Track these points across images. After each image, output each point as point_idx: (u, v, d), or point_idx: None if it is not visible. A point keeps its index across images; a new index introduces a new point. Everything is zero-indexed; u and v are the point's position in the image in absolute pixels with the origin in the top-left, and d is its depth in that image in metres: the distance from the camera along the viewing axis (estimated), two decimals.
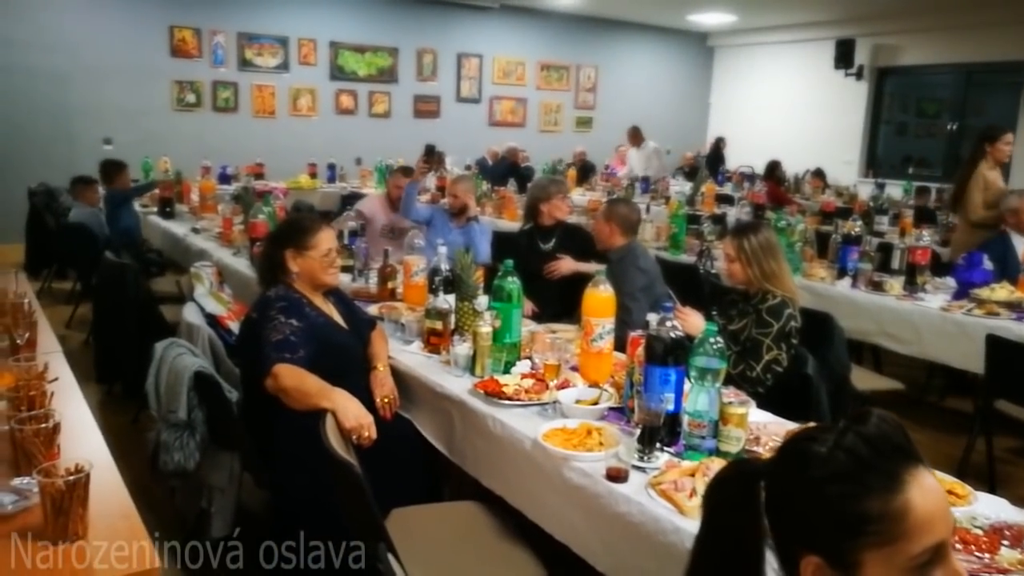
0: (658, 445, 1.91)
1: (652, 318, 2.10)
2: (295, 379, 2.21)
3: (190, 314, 2.92)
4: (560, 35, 12.05)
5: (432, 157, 5.17)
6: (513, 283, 2.55)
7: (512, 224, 6.10)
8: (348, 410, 2.13)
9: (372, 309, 3.13)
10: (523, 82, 12.06)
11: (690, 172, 10.28)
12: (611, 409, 2.21)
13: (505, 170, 9.35)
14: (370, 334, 2.70)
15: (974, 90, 10.72)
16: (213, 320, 3.07)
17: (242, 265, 4.12)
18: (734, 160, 11.68)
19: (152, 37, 9.14)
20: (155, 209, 6.10)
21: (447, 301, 2.75)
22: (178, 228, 5.43)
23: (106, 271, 3.99)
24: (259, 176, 7.89)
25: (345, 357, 2.49)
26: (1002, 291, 3.59)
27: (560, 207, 4.01)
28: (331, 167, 8.66)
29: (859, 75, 11.24)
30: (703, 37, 13.35)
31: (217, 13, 9.48)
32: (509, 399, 2.26)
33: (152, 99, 9.20)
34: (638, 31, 12.64)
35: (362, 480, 1.77)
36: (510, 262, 2.59)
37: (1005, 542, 1.56)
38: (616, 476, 1.81)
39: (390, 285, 3.38)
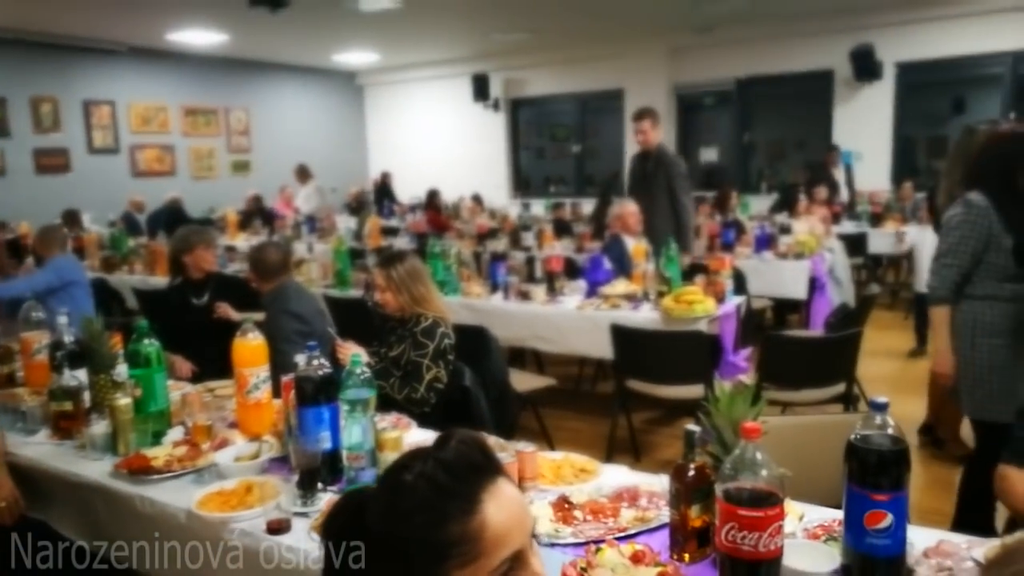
0: (320, 486, 1.89)
1: (300, 359, 2.07)
2: None
3: None
4: (203, 78, 11.48)
5: (16, 242, 4.88)
6: (151, 345, 2.34)
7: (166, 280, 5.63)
8: None
9: None
10: (167, 128, 11.27)
11: (356, 208, 10.42)
12: (274, 460, 2.14)
13: (169, 217, 8.66)
14: None
15: (590, 115, 12.40)
16: None
17: None
18: (403, 192, 12.09)
19: None
20: None
21: (76, 377, 2.44)
22: None
23: None
24: None
25: None
26: (620, 286, 4.18)
27: (205, 257, 3.79)
28: None
29: (496, 106, 12.37)
30: (352, 76, 13.66)
31: None
32: (158, 472, 2.07)
33: None
34: (287, 72, 12.54)
35: None
36: (144, 323, 2.38)
37: (624, 504, 1.79)
38: (277, 528, 1.75)
39: (6, 369, 2.91)
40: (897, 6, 9.05)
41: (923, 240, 5.14)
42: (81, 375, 2.48)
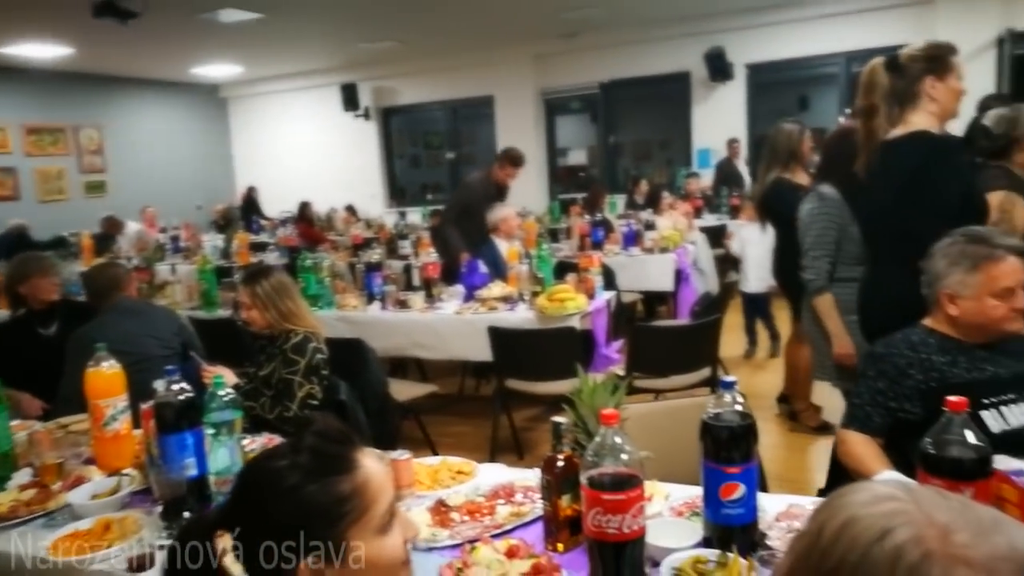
0: (186, 515, 1.81)
1: (159, 385, 1.98)
2: None
3: None
4: (48, 94, 10.71)
5: None
6: None
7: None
8: None
9: None
10: (8, 149, 10.44)
11: (223, 225, 10.02)
12: (136, 493, 2.03)
13: (13, 245, 8.01)
14: None
15: (462, 122, 12.47)
16: None
17: None
18: (275, 206, 11.70)
19: None
20: None
21: None
22: None
23: None
24: None
25: None
26: (497, 288, 4.23)
27: (42, 286, 3.52)
28: None
29: (367, 116, 12.22)
30: (214, 89, 13.13)
31: None
32: (3, 519, 1.92)
33: None
34: (143, 86, 11.91)
35: None
36: None
37: (501, 501, 1.82)
38: (140, 565, 1.66)
39: None
40: (744, 11, 9.62)
41: (748, 238, 5.15)
42: None
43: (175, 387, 1.92)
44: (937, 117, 2.34)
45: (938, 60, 2.33)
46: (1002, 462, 1.28)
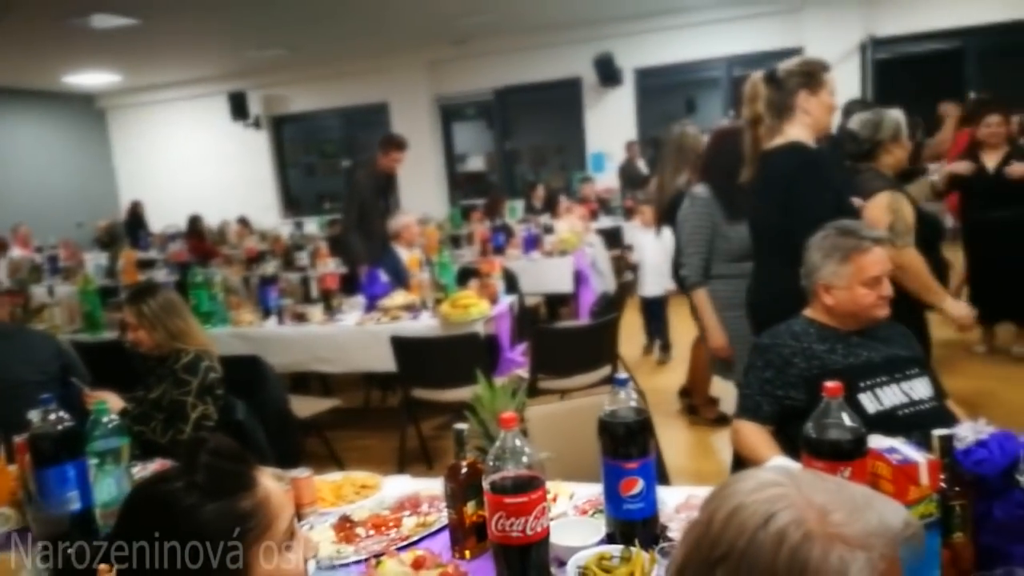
0: (70, 551, 1.70)
1: (34, 415, 1.85)
2: None
3: None
4: None
5: None
6: None
7: None
8: None
9: None
10: None
11: (107, 242, 9.50)
12: (13, 531, 1.89)
13: None
14: None
15: (357, 130, 12.30)
16: None
17: None
18: (163, 221, 11.17)
19: None
20: None
21: None
22: None
23: None
24: None
25: None
26: (399, 297, 4.19)
27: None
28: None
29: (257, 125, 11.87)
30: (89, 99, 12.44)
31: None
32: None
33: None
34: (10, 96, 11.15)
35: None
36: None
37: (407, 512, 1.80)
38: None
39: None
40: (631, 17, 9.91)
41: (644, 243, 5.27)
42: None
43: (52, 416, 1.81)
44: (811, 129, 2.49)
45: (812, 76, 2.48)
46: (876, 441, 1.36)
